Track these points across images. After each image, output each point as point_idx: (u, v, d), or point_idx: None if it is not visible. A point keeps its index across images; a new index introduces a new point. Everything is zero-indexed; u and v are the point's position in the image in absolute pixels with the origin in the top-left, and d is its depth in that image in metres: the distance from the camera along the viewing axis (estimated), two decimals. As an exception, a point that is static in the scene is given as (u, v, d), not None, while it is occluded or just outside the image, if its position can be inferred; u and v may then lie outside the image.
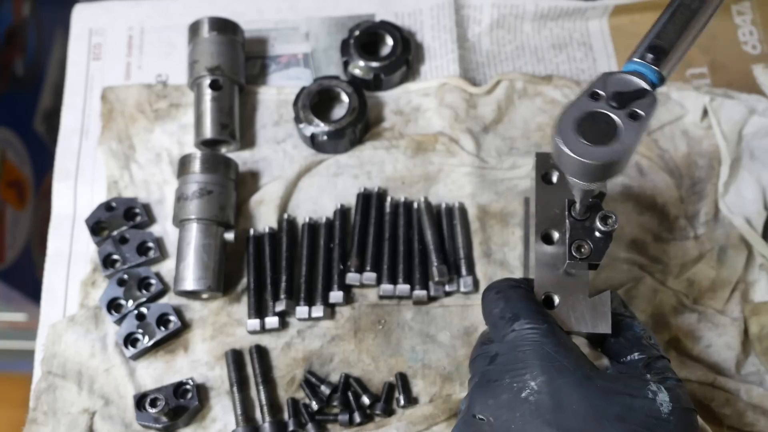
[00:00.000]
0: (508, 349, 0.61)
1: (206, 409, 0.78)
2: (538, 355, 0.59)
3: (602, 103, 0.58)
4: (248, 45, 0.95)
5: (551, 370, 0.58)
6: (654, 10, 0.98)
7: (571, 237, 0.65)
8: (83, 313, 0.82)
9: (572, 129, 0.56)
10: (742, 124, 0.88)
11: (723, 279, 0.83)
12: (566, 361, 0.59)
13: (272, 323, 0.80)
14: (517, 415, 0.57)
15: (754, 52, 0.97)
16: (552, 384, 0.57)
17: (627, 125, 0.56)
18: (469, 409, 0.60)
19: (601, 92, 0.58)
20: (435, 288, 0.82)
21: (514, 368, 0.59)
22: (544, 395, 0.57)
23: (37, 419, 0.77)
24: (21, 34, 1.35)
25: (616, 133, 0.56)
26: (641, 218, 0.86)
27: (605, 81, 0.59)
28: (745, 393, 0.77)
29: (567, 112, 0.58)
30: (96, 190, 0.89)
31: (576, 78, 0.95)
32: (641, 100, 0.57)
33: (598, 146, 0.56)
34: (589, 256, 0.64)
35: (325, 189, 0.88)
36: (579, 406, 0.56)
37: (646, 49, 0.60)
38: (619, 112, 0.57)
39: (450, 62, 0.94)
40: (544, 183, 0.72)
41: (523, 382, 0.58)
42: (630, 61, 0.60)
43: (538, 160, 0.72)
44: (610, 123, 0.57)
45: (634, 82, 0.59)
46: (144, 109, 0.91)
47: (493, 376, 0.60)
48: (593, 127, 0.57)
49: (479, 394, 0.60)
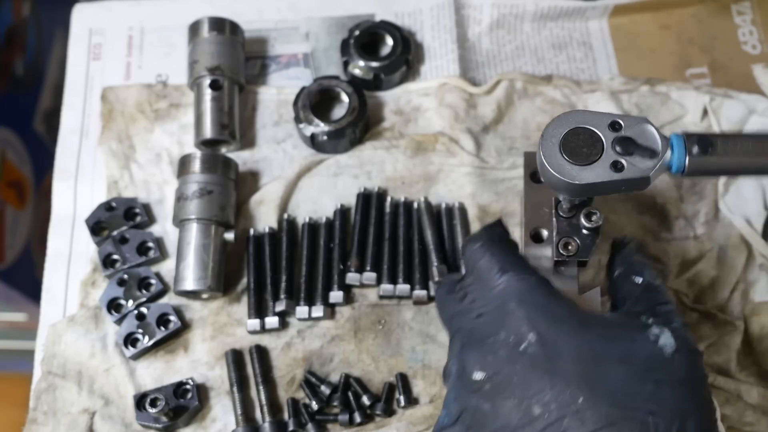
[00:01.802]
0: (498, 304, 0.59)
1: (206, 409, 0.78)
2: (532, 306, 0.58)
3: (608, 133, 0.57)
4: (248, 45, 0.95)
5: (547, 320, 0.57)
6: (654, 10, 0.98)
7: (558, 234, 0.65)
8: (83, 313, 0.82)
9: (557, 144, 0.57)
10: (742, 124, 0.88)
11: (723, 279, 0.83)
12: (560, 310, 0.58)
13: (272, 323, 0.80)
14: (518, 368, 0.56)
15: (754, 52, 0.97)
16: (549, 333, 0.56)
17: (609, 161, 0.56)
18: (464, 371, 0.59)
19: (622, 124, 0.57)
20: (435, 288, 0.82)
21: (507, 322, 0.58)
22: (543, 345, 0.56)
23: (37, 419, 0.77)
24: (21, 34, 1.35)
25: (601, 157, 0.56)
26: (641, 218, 0.86)
27: (632, 122, 0.57)
28: (745, 393, 0.77)
29: (551, 128, 0.57)
30: (96, 190, 0.89)
31: (576, 78, 0.95)
32: (643, 160, 0.56)
33: (579, 166, 0.56)
34: (576, 253, 0.64)
35: (325, 189, 0.88)
36: (578, 352, 0.56)
37: (701, 139, 0.57)
38: (615, 150, 0.56)
39: (450, 62, 0.94)
40: (533, 182, 0.71)
41: (520, 335, 0.57)
42: (675, 134, 0.57)
43: (526, 159, 0.72)
44: (597, 144, 0.57)
45: (658, 145, 0.57)
46: (144, 109, 0.91)
47: (484, 331, 0.59)
48: (577, 143, 0.57)
49: (473, 354, 0.59)
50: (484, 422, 0.57)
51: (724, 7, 0.99)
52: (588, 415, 0.53)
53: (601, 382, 0.54)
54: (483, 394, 0.57)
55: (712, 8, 0.99)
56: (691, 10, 0.99)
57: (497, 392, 0.57)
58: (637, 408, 0.53)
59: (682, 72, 0.96)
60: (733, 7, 0.99)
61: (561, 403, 0.54)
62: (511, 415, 0.55)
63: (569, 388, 0.54)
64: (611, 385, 0.54)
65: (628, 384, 0.55)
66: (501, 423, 0.56)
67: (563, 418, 0.54)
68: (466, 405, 0.58)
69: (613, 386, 0.54)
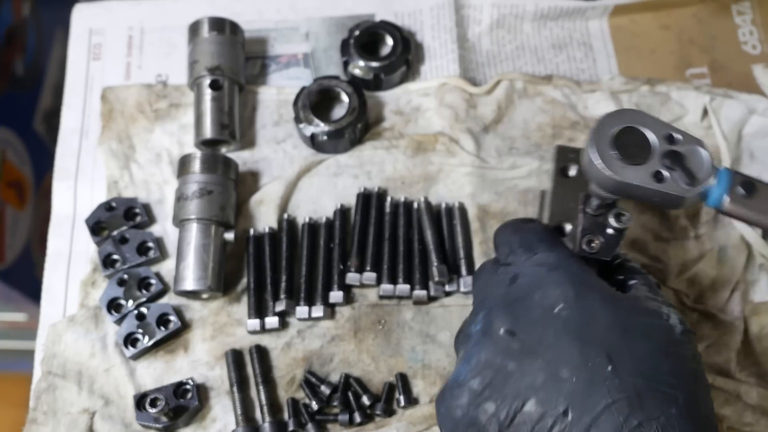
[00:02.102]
0: (533, 270, 0.61)
1: (206, 409, 0.78)
2: (567, 273, 0.60)
3: (662, 142, 0.57)
4: (248, 45, 0.95)
5: (582, 287, 0.59)
6: (654, 10, 0.98)
7: (583, 231, 0.65)
8: (83, 313, 0.82)
9: (611, 135, 0.57)
10: (742, 124, 0.88)
11: (723, 279, 0.83)
12: (593, 280, 0.60)
13: (272, 323, 0.80)
14: (551, 330, 0.57)
15: (754, 52, 0.97)
16: (583, 299, 0.58)
17: (653, 168, 0.57)
18: (491, 328, 0.59)
19: (678, 138, 0.57)
20: (435, 288, 0.82)
21: (542, 285, 0.59)
22: (576, 310, 0.57)
23: (37, 419, 0.77)
24: (21, 34, 1.35)
25: (647, 163, 0.57)
26: (641, 218, 0.86)
27: (688, 140, 0.57)
28: (744, 393, 0.77)
29: (609, 118, 0.58)
30: (96, 190, 0.89)
31: (576, 78, 0.95)
32: (684, 180, 0.56)
33: (623, 162, 0.56)
34: (599, 251, 0.65)
35: (325, 189, 0.88)
36: (608, 321, 0.57)
37: (747, 182, 0.57)
38: (663, 161, 0.57)
39: (450, 62, 0.94)
40: (562, 176, 0.72)
41: (555, 298, 0.58)
42: (726, 169, 0.58)
43: (557, 154, 0.73)
44: (647, 149, 0.57)
45: (704, 171, 0.57)
46: (144, 109, 0.91)
47: (518, 294, 0.60)
48: (629, 141, 0.57)
49: (503, 313, 0.59)
50: (506, 381, 0.57)
51: (724, 7, 0.99)
52: (616, 383, 0.54)
53: (629, 354, 0.56)
54: (510, 353, 0.58)
55: (712, 8, 0.99)
56: (691, 10, 0.99)
57: (525, 352, 0.57)
58: (661, 381, 0.55)
59: (682, 72, 0.96)
60: (733, 7, 0.99)
61: (590, 370, 0.55)
62: (537, 375, 0.56)
63: (599, 356, 0.55)
64: (637, 357, 0.56)
65: (652, 358, 0.56)
66: (525, 383, 0.56)
67: (591, 384, 0.54)
68: (489, 362, 0.58)
69: (639, 358, 0.56)
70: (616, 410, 0.53)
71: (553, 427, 0.54)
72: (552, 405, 0.55)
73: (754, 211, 0.57)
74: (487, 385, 0.58)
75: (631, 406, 0.53)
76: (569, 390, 0.55)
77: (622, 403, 0.53)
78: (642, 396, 0.54)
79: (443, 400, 0.61)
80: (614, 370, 0.55)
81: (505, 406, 0.56)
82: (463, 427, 0.59)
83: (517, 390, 0.56)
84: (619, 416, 0.53)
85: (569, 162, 0.73)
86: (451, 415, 0.59)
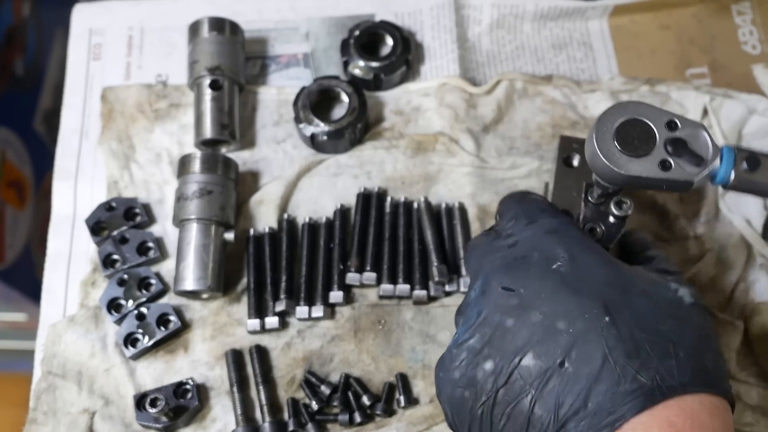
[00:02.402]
0: (533, 234, 0.61)
1: (206, 409, 0.78)
2: (567, 235, 0.60)
3: (663, 131, 0.57)
4: (248, 45, 0.95)
5: (581, 246, 0.59)
6: (654, 10, 0.98)
7: (585, 219, 0.65)
8: (83, 313, 0.82)
9: (612, 130, 0.57)
10: (742, 124, 0.88)
11: (723, 279, 0.83)
12: (592, 243, 0.60)
13: (272, 323, 0.80)
14: (548, 283, 0.57)
15: (754, 52, 0.97)
16: (582, 258, 0.58)
17: (658, 158, 0.57)
18: (490, 286, 0.59)
19: (678, 124, 0.57)
20: (435, 288, 0.82)
21: (541, 246, 0.60)
22: (575, 266, 0.57)
23: (37, 419, 0.77)
24: (21, 34, 1.35)
25: (651, 153, 0.57)
26: (641, 218, 0.86)
27: (688, 125, 0.57)
28: (744, 393, 0.77)
29: (609, 114, 0.58)
30: (96, 190, 0.89)
31: (576, 78, 0.95)
32: (690, 165, 0.57)
33: (628, 156, 0.56)
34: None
35: (325, 189, 0.88)
36: (607, 279, 0.57)
37: (751, 155, 0.57)
38: (667, 149, 0.57)
39: (450, 62, 0.94)
40: (565, 166, 0.73)
41: (553, 255, 0.58)
42: (728, 147, 0.58)
43: (561, 143, 0.74)
44: (650, 139, 0.57)
45: (708, 153, 0.57)
46: (144, 109, 0.91)
47: (516, 255, 0.60)
48: (631, 134, 0.57)
49: (501, 272, 0.60)
50: (504, 337, 0.56)
51: (724, 7, 0.99)
52: (613, 333, 0.54)
53: (627, 308, 0.55)
54: (508, 309, 0.57)
55: (712, 8, 0.99)
56: (691, 10, 0.99)
57: (523, 307, 0.57)
58: (661, 336, 0.54)
59: (682, 72, 0.96)
60: (733, 7, 0.99)
61: (586, 321, 0.54)
62: (535, 330, 0.56)
63: (596, 308, 0.55)
64: (636, 312, 0.55)
65: (652, 314, 0.56)
66: (523, 338, 0.56)
67: (587, 332, 0.54)
68: (488, 320, 0.58)
69: (638, 313, 0.55)
70: (612, 360, 0.53)
71: (550, 379, 0.53)
72: (549, 357, 0.54)
73: (759, 185, 0.57)
74: (486, 342, 0.57)
75: (629, 355, 0.53)
76: (566, 342, 0.54)
77: (619, 352, 0.53)
78: (639, 347, 0.53)
79: (442, 363, 0.60)
80: (612, 321, 0.54)
81: (504, 363, 0.56)
82: (460, 388, 0.58)
83: (515, 346, 0.56)
84: (615, 366, 0.52)
85: (572, 152, 0.74)
86: (449, 378, 0.58)
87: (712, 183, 0.58)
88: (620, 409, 0.51)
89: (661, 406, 0.51)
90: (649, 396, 0.51)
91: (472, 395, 0.57)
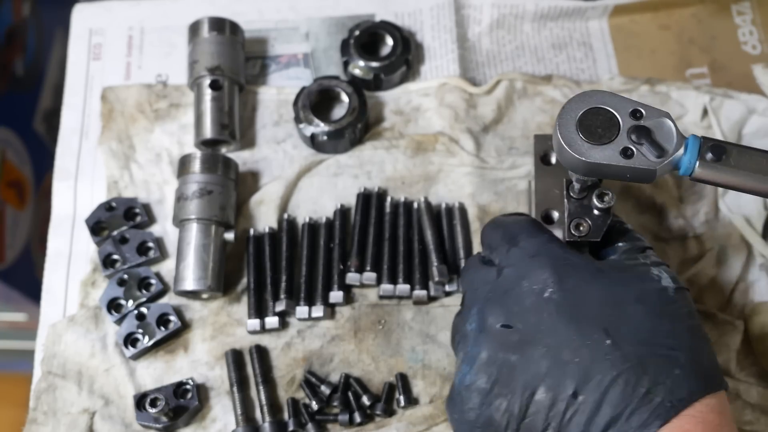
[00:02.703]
0: (516, 260, 0.62)
1: (206, 409, 0.78)
2: (550, 257, 0.60)
3: (627, 119, 0.57)
4: (248, 45, 0.95)
5: (566, 268, 0.59)
6: (654, 10, 0.98)
7: (570, 216, 0.65)
8: (83, 313, 0.82)
9: (575, 119, 0.57)
10: (741, 124, 0.88)
11: (723, 279, 0.83)
12: (576, 258, 0.61)
13: (272, 323, 0.80)
14: (545, 315, 0.57)
15: (754, 52, 0.97)
16: (570, 280, 0.58)
17: (621, 145, 0.56)
18: (487, 324, 0.60)
19: (643, 113, 0.57)
20: (435, 288, 0.82)
21: (528, 273, 0.60)
22: (566, 292, 0.58)
23: (37, 419, 0.77)
24: (21, 34, 1.35)
25: (614, 141, 0.57)
26: (641, 218, 0.86)
27: (653, 113, 0.57)
28: (744, 392, 0.77)
29: (573, 102, 0.58)
30: (96, 190, 0.89)
31: (576, 78, 0.95)
32: (653, 153, 0.56)
33: (589, 144, 0.56)
34: (587, 233, 0.65)
35: (325, 189, 0.88)
36: (599, 296, 0.58)
37: (716, 146, 0.56)
38: (630, 137, 0.56)
39: (450, 62, 0.94)
40: (543, 164, 0.73)
41: (542, 283, 0.59)
42: (694, 136, 0.57)
43: (536, 142, 0.74)
44: (614, 127, 0.57)
45: (672, 141, 0.56)
46: (144, 109, 0.91)
47: (506, 285, 0.60)
48: (594, 122, 0.57)
49: (496, 307, 0.60)
50: (512, 374, 0.57)
51: (724, 7, 0.99)
52: (617, 356, 0.55)
53: (624, 324, 0.56)
54: (510, 346, 0.58)
55: (712, 8, 0.99)
56: (691, 10, 0.99)
57: (525, 342, 0.57)
58: (660, 344, 0.56)
59: (682, 72, 0.96)
60: (733, 7, 0.99)
61: (590, 348, 0.55)
62: (540, 363, 0.56)
63: (596, 333, 0.56)
64: (634, 325, 0.56)
65: (648, 323, 0.57)
66: (531, 373, 0.56)
67: (594, 361, 0.55)
68: (492, 359, 0.58)
69: (636, 326, 0.56)
70: (623, 382, 0.54)
71: (567, 410, 0.55)
72: (561, 389, 0.55)
73: (725, 175, 0.56)
74: (495, 381, 0.58)
75: (637, 374, 0.54)
76: (574, 371, 0.55)
77: (628, 374, 0.54)
78: (645, 363, 0.54)
79: (454, 406, 0.61)
80: (613, 343, 0.55)
81: (516, 399, 0.57)
82: (479, 428, 0.59)
83: (524, 381, 0.56)
84: (626, 387, 0.54)
85: (549, 149, 0.73)
86: (465, 419, 0.59)
87: (679, 173, 0.57)
88: (640, 430, 0.53)
89: (676, 419, 0.53)
90: (664, 413, 0.53)
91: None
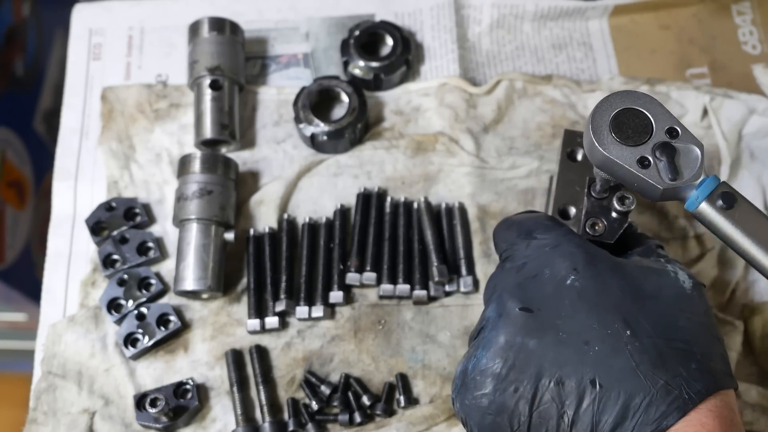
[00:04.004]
0: (537, 252, 0.61)
1: (206, 409, 0.78)
2: (572, 246, 0.60)
3: (661, 133, 0.57)
4: (248, 45, 0.95)
5: (588, 258, 0.59)
6: (654, 10, 0.98)
7: (587, 214, 0.65)
8: (83, 313, 0.82)
9: (612, 112, 0.57)
10: (741, 124, 0.88)
11: (723, 279, 0.83)
12: (596, 251, 0.61)
13: (272, 323, 0.80)
14: (566, 301, 0.57)
15: (754, 52, 0.97)
16: (592, 269, 0.59)
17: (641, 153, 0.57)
18: (506, 309, 0.59)
19: (678, 132, 0.57)
20: (435, 288, 0.82)
21: (550, 262, 0.60)
22: (588, 279, 0.58)
23: (37, 419, 0.77)
24: (21, 34, 1.35)
25: (638, 147, 0.57)
26: (641, 218, 0.86)
27: (687, 138, 0.57)
28: (744, 392, 0.77)
29: (619, 96, 0.58)
30: (96, 190, 0.89)
31: (576, 78, 0.95)
32: (667, 173, 0.56)
33: (618, 142, 0.57)
34: (602, 234, 0.65)
35: (325, 189, 0.88)
36: (619, 287, 0.58)
37: (729, 194, 0.56)
38: (654, 150, 0.57)
39: (450, 62, 0.94)
40: (569, 160, 0.73)
41: (565, 270, 0.59)
42: (715, 176, 0.57)
43: (565, 137, 0.74)
44: (644, 136, 0.57)
45: (690, 172, 0.56)
46: (144, 109, 0.91)
47: (528, 273, 0.60)
48: (629, 122, 0.57)
49: (517, 294, 0.59)
50: (529, 359, 0.56)
51: (724, 7, 0.99)
52: (636, 347, 0.55)
53: (644, 316, 0.56)
54: (529, 331, 0.57)
55: (712, 8, 0.99)
56: (691, 10, 0.99)
57: (544, 328, 0.57)
58: (677, 339, 0.56)
59: (682, 72, 0.96)
60: (733, 7, 0.99)
61: (610, 336, 0.55)
62: (559, 350, 0.56)
63: (617, 322, 0.56)
64: (652, 319, 0.56)
65: (666, 317, 0.57)
66: (549, 359, 0.56)
67: (614, 350, 0.55)
68: (509, 343, 0.57)
69: (654, 319, 0.56)
70: (642, 373, 0.54)
71: (583, 398, 0.54)
72: (579, 376, 0.55)
73: (725, 225, 0.56)
74: (511, 367, 0.57)
75: (655, 366, 0.54)
76: (593, 359, 0.55)
77: (646, 365, 0.54)
78: (663, 355, 0.55)
79: (466, 391, 0.59)
80: (633, 334, 0.55)
81: (533, 386, 0.56)
82: (491, 415, 0.57)
83: (542, 367, 0.56)
84: (645, 379, 0.54)
85: (576, 146, 0.73)
86: (477, 405, 0.58)
87: (684, 205, 0.58)
88: (658, 422, 0.53)
89: (693, 412, 0.53)
90: (682, 405, 0.53)
91: (506, 421, 0.57)
